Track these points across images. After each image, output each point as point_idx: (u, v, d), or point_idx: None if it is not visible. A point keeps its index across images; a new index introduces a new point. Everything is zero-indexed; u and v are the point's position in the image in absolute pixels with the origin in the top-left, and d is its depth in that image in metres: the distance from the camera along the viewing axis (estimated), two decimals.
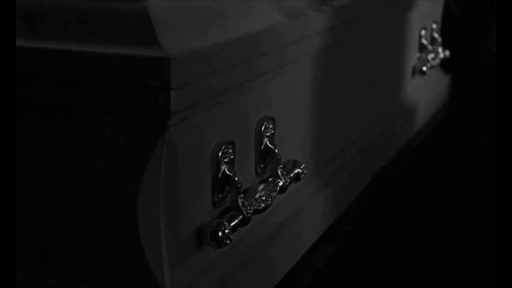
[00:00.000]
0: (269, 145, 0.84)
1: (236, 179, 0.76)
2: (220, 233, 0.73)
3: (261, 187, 0.81)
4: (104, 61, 0.65)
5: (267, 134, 0.84)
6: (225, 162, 0.76)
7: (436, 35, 1.60)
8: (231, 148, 0.77)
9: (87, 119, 0.68)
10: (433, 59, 1.54)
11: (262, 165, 0.85)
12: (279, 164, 0.85)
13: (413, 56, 1.48)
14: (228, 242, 0.73)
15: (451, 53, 1.63)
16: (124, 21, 0.66)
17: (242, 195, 0.77)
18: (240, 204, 0.76)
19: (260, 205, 0.79)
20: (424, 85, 1.54)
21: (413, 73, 1.48)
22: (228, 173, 0.76)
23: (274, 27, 0.82)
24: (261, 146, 0.84)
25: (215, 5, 0.76)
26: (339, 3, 1.00)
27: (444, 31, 1.66)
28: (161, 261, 0.69)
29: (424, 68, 1.49)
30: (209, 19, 0.73)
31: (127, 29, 0.66)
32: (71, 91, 0.67)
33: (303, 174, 0.89)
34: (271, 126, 0.85)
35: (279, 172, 0.84)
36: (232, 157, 0.77)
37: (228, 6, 0.77)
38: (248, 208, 0.77)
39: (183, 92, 0.65)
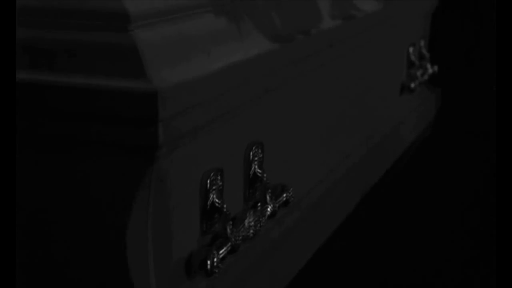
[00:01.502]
0: (258, 170, 0.85)
1: (224, 206, 0.76)
2: (209, 262, 0.73)
3: (250, 213, 0.81)
4: (90, 93, 0.65)
5: (256, 159, 0.85)
6: (213, 190, 0.76)
7: (424, 51, 1.60)
8: (220, 176, 0.77)
9: (74, 150, 0.68)
10: (422, 75, 1.54)
11: (250, 191, 0.85)
12: (268, 189, 0.85)
13: (402, 73, 1.49)
14: (217, 271, 0.73)
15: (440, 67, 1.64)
16: (111, 52, 0.66)
17: (231, 223, 0.77)
18: (229, 232, 0.76)
19: (249, 232, 0.79)
20: (413, 102, 1.55)
21: (402, 90, 1.49)
22: (217, 201, 0.76)
23: (262, 53, 0.82)
24: (249, 171, 0.84)
25: (203, 32, 0.76)
26: (327, 26, 1.00)
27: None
28: None
29: (412, 85, 1.49)
30: (197, 47, 0.73)
31: (113, 61, 0.66)
32: (57, 123, 0.67)
33: (292, 199, 0.89)
34: (259, 151, 0.85)
35: (268, 198, 0.85)
36: (220, 184, 0.77)
37: (216, 33, 0.78)
38: (237, 236, 0.77)
39: (170, 124, 0.65)
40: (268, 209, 0.84)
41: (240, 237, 0.77)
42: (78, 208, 0.69)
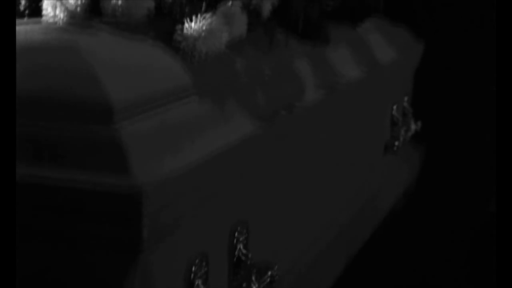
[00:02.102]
0: (243, 251, 0.85)
1: None
2: None
3: None
4: (74, 189, 0.65)
5: (241, 239, 0.85)
6: (199, 277, 0.76)
7: (407, 107, 1.62)
8: (205, 261, 0.77)
9: (61, 244, 0.68)
10: (405, 133, 1.56)
11: (236, 271, 0.85)
12: (253, 269, 0.85)
13: (385, 132, 1.50)
14: None
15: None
16: (95, 146, 0.67)
17: None
18: None
19: None
20: (397, 160, 1.56)
21: (386, 149, 1.50)
22: (202, 287, 0.76)
23: (246, 136, 0.82)
24: (235, 252, 0.84)
25: (187, 119, 0.76)
26: (311, 100, 1.01)
27: None
28: None
29: (396, 144, 1.50)
30: (181, 136, 0.74)
31: (97, 155, 0.66)
32: (43, 218, 0.67)
33: (277, 277, 0.89)
34: (244, 230, 0.85)
35: (253, 278, 0.85)
36: (205, 270, 0.77)
37: (201, 119, 0.78)
38: None
39: (155, 219, 0.65)
40: None
41: None
42: None
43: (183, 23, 0.86)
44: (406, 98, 1.62)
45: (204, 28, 0.85)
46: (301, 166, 1.05)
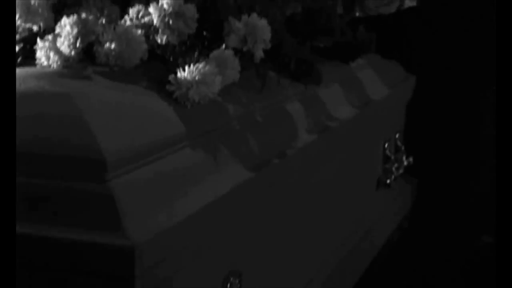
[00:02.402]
0: None
1: None
2: None
3: None
4: (65, 246, 0.64)
5: None
6: None
7: (399, 143, 1.62)
8: None
9: None
10: (397, 169, 1.55)
11: None
12: None
13: (378, 168, 1.50)
14: None
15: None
16: (87, 203, 0.66)
17: None
18: None
19: None
20: (389, 196, 1.56)
21: (378, 185, 1.50)
22: None
23: (239, 184, 0.82)
24: None
25: (180, 170, 0.76)
26: (303, 143, 1.01)
27: None
28: None
29: (389, 181, 1.50)
30: (175, 189, 0.73)
31: (90, 211, 0.66)
32: (34, 273, 0.66)
33: None
34: (237, 281, 0.84)
35: None
36: None
37: (193, 169, 0.78)
38: None
39: (147, 276, 0.65)
40: None
41: None
42: None
43: (175, 71, 0.86)
44: (397, 134, 1.62)
45: (197, 76, 0.85)
46: (295, 209, 1.04)
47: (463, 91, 1.76)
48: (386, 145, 1.53)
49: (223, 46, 0.93)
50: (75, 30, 0.87)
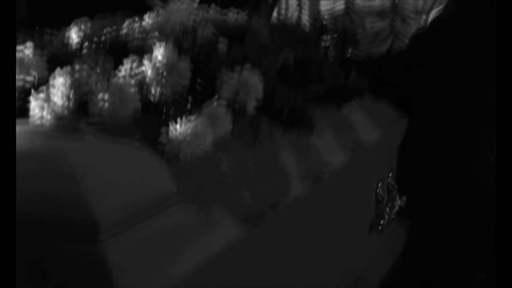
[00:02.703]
0: None
1: None
2: None
3: None
4: None
5: None
6: None
7: (392, 183, 1.62)
8: None
9: None
10: (390, 210, 1.56)
11: None
12: None
13: (370, 211, 1.50)
14: None
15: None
16: (80, 266, 0.66)
17: None
18: None
19: None
20: (382, 238, 1.56)
21: (371, 228, 1.50)
22: None
23: (233, 241, 0.82)
24: None
25: (173, 230, 0.76)
26: (296, 194, 1.01)
27: None
28: None
29: (381, 222, 1.50)
30: (167, 248, 0.73)
31: (82, 275, 0.66)
32: None
33: None
34: None
35: None
36: None
37: (186, 228, 0.78)
38: None
39: None
40: None
41: None
42: None
43: (168, 125, 0.86)
44: (390, 174, 1.62)
45: (189, 131, 0.85)
46: (289, 257, 1.04)
47: (455, 131, 1.77)
48: (379, 186, 1.53)
49: (216, 99, 0.94)
50: (69, 82, 0.88)
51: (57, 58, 1.00)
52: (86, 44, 1.01)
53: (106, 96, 0.87)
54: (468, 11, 1.76)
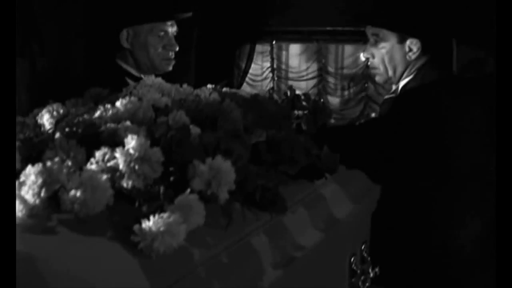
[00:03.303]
0: None
1: None
2: None
3: None
4: None
5: None
6: None
7: (365, 255, 1.62)
8: None
9: None
10: (363, 282, 1.56)
11: None
12: None
13: (344, 284, 1.50)
14: None
15: None
16: None
17: None
18: None
19: None
20: None
21: None
22: None
23: None
24: None
25: None
26: (270, 280, 1.01)
27: None
28: None
29: None
30: None
31: None
32: None
33: None
34: None
35: None
36: None
37: None
38: None
39: None
40: None
41: None
42: None
43: (140, 218, 0.86)
44: (363, 247, 1.63)
45: (161, 227, 0.85)
46: None
47: (428, 197, 1.79)
48: (352, 259, 1.53)
49: (188, 190, 0.94)
50: (40, 180, 0.88)
51: (30, 146, 1.00)
52: (57, 134, 1.01)
53: (78, 194, 0.87)
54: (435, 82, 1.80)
